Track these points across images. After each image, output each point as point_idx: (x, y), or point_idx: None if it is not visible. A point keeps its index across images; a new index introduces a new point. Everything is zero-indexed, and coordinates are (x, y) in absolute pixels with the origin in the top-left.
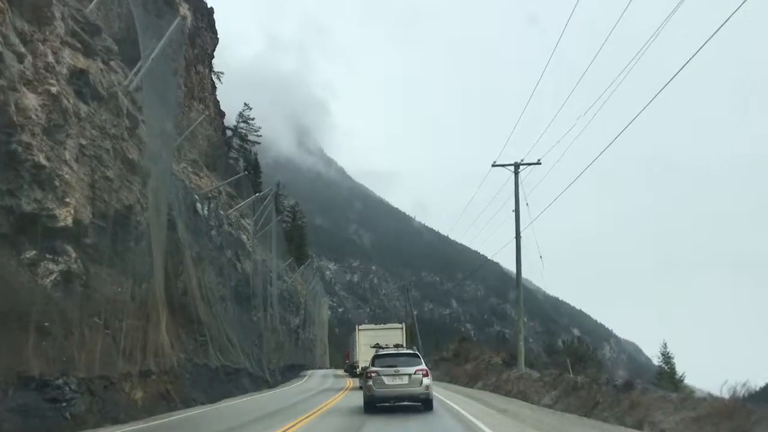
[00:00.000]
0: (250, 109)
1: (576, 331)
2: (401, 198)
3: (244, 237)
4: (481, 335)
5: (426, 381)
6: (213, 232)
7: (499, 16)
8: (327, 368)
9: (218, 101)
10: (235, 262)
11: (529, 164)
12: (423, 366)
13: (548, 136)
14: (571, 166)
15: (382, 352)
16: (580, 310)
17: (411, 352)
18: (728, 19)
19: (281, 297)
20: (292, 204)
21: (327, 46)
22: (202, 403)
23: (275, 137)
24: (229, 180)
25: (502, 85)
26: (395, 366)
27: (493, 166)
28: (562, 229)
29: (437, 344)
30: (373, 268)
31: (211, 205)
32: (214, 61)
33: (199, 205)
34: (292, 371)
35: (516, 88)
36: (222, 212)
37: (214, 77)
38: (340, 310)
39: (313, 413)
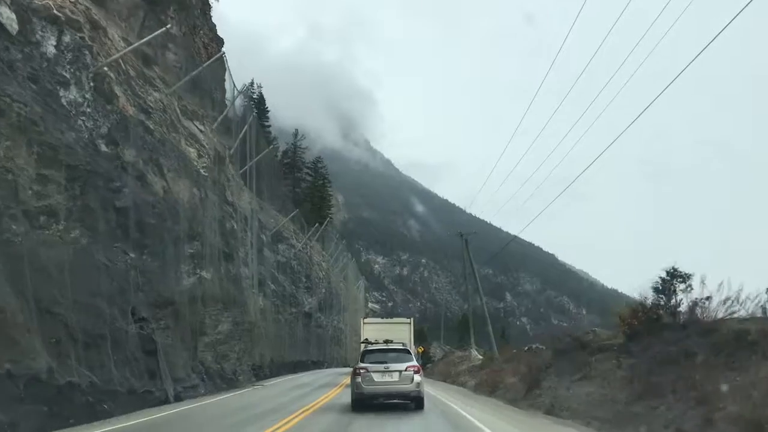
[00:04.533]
0: None
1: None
2: (450, 190)
3: (193, 150)
4: (537, 329)
5: (417, 378)
6: (72, 94)
7: (537, 5)
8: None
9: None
10: (150, 175)
11: None
12: (414, 362)
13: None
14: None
15: (371, 347)
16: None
17: (402, 348)
18: None
19: (286, 267)
20: (314, 160)
21: (371, 37)
22: None
23: (320, 129)
24: None
25: (547, 73)
26: (385, 362)
27: None
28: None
29: (502, 333)
30: (423, 261)
31: (66, 37)
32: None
33: (4, 10)
34: (287, 369)
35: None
36: (101, 59)
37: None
38: (389, 304)
39: None
